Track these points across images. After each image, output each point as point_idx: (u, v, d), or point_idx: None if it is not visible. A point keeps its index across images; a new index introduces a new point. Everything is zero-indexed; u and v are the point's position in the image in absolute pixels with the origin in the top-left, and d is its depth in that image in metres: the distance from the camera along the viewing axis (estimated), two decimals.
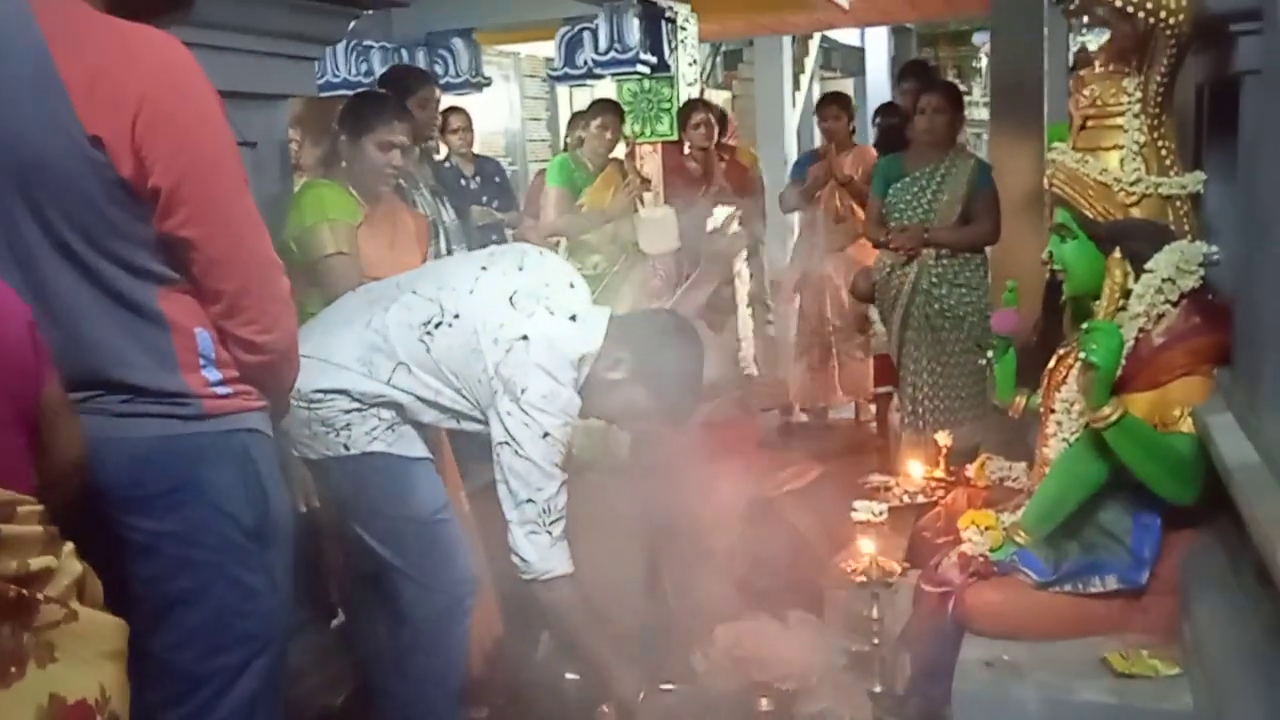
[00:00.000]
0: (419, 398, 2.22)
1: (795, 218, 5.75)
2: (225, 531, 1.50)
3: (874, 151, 5.36)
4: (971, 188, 4.11)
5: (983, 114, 10.39)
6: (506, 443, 2.13)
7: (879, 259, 4.38)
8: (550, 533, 2.16)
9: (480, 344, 2.15)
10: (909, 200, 4.16)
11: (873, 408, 5.47)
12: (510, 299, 2.17)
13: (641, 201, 4.94)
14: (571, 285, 2.28)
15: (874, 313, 5.23)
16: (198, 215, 1.40)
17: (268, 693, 1.59)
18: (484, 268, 2.27)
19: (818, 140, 5.84)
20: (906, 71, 5.51)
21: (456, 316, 2.18)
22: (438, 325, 2.18)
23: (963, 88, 8.36)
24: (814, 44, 11.58)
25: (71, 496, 1.35)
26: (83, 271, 1.40)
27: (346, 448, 2.20)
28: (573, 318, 2.19)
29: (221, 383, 1.49)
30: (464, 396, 2.22)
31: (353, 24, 2.77)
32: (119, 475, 1.45)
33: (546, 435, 2.12)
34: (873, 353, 5.23)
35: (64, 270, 1.40)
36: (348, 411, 2.19)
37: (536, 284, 2.21)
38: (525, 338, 2.13)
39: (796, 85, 10.91)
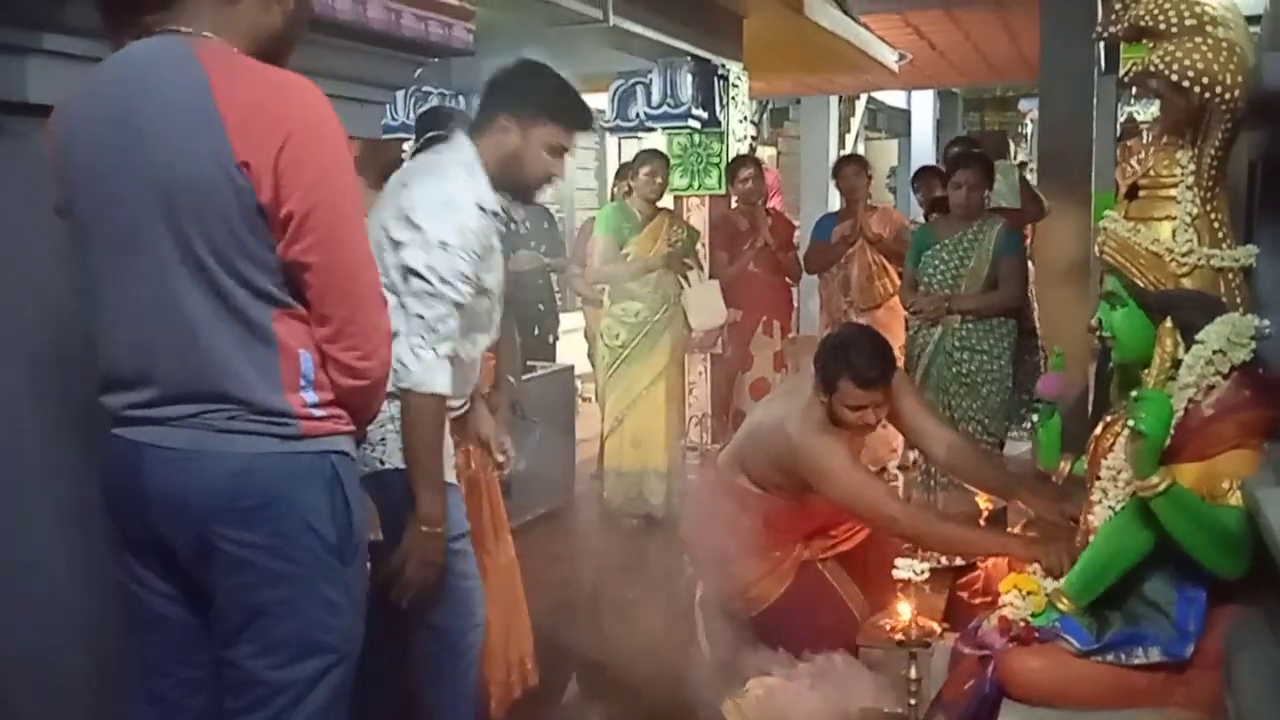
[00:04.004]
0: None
1: (815, 281, 5.66)
2: (313, 547, 1.57)
3: (899, 214, 5.40)
4: (997, 253, 4.24)
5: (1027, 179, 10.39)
6: (402, 264, 2.14)
7: (908, 320, 4.52)
8: (435, 350, 2.15)
9: (391, 233, 2.17)
10: (938, 266, 4.30)
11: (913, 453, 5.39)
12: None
13: (687, 280, 4.96)
14: None
15: None
16: (321, 243, 1.52)
17: (338, 704, 1.65)
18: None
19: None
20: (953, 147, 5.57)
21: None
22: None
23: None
24: (860, 105, 11.70)
25: None
26: (209, 287, 1.51)
27: (382, 462, 2.23)
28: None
29: (318, 405, 1.58)
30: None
31: (419, 71, 2.85)
32: (217, 488, 1.54)
33: (443, 244, 2.13)
34: None
35: (192, 286, 1.51)
36: (382, 425, 2.19)
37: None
38: (405, 185, 2.20)
39: (842, 144, 11.03)
